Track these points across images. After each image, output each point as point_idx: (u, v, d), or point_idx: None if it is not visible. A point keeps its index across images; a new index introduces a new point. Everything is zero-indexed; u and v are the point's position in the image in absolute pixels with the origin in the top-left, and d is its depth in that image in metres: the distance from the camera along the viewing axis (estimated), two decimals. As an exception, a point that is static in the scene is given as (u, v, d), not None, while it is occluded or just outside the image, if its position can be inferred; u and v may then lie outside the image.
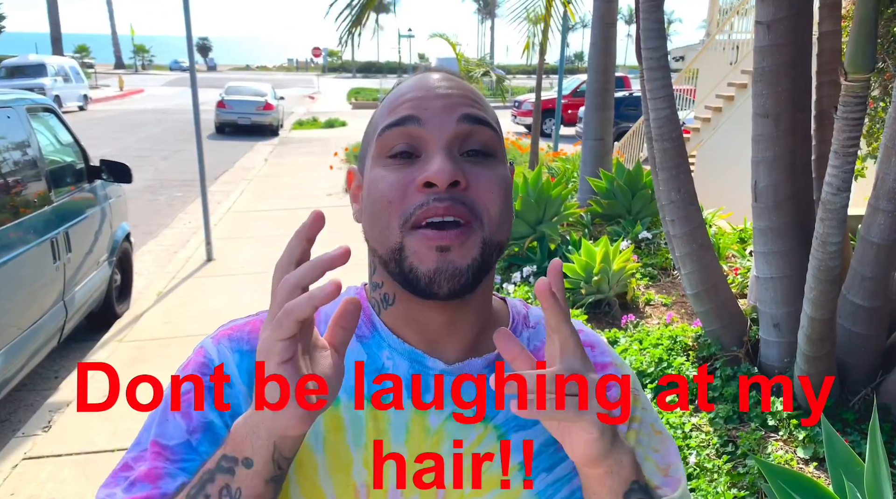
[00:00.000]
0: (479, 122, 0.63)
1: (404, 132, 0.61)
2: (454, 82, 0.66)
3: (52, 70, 19.17)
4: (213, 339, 0.67)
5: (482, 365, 0.67)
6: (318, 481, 0.63)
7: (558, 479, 0.67)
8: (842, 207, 2.48)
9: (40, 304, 3.51)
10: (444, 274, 0.58)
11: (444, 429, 0.64)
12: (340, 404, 0.64)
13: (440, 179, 0.58)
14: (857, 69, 2.33)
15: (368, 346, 0.66)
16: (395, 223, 0.60)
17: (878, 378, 2.90)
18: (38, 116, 3.99)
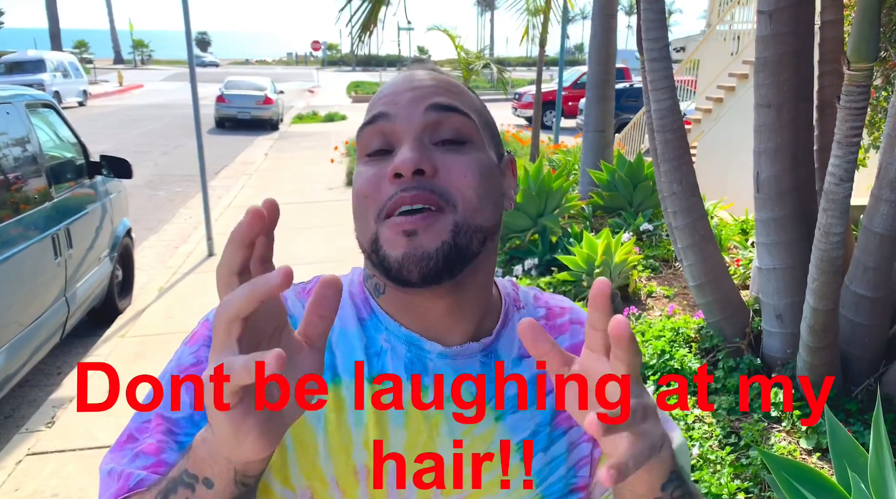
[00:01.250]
0: (448, 110, 0.63)
1: (377, 130, 0.63)
2: (429, 75, 0.66)
3: (51, 66, 19.12)
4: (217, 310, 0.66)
5: (478, 349, 0.67)
6: (318, 460, 0.63)
7: (554, 458, 0.68)
8: (844, 197, 2.47)
9: (42, 300, 3.51)
10: (413, 258, 0.58)
11: (442, 411, 0.65)
12: (342, 384, 0.64)
13: (404, 167, 0.59)
14: (860, 58, 2.31)
15: (367, 328, 0.67)
16: (371, 216, 0.61)
17: (882, 368, 2.90)
18: (38, 112, 3.98)
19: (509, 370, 0.68)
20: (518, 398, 0.68)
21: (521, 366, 0.69)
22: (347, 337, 0.66)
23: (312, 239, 6.56)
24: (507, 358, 0.69)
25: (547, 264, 4.73)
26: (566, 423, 0.69)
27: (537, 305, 0.75)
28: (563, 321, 0.74)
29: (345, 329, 0.66)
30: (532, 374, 0.69)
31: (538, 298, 0.76)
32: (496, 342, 0.69)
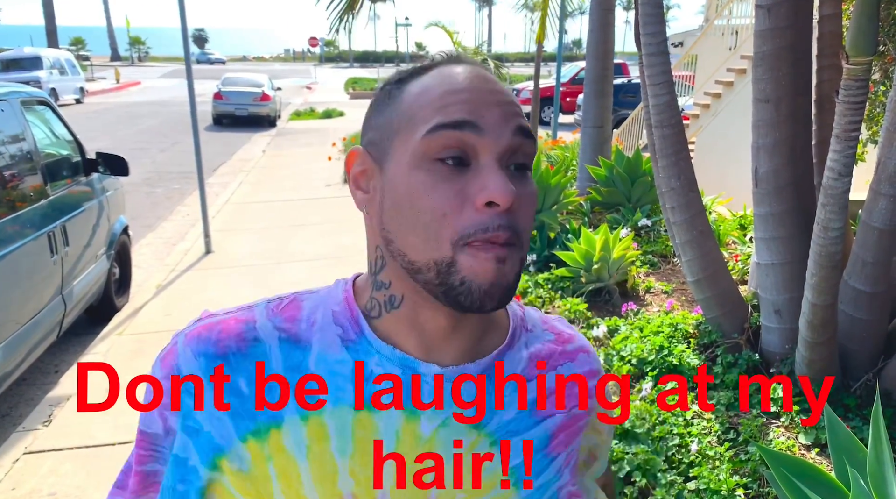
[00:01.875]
0: (529, 135, 0.61)
1: (459, 138, 0.57)
2: (500, 85, 0.63)
3: (47, 63, 19.07)
4: (186, 337, 0.64)
5: (476, 371, 0.65)
6: (302, 490, 0.61)
7: (545, 483, 0.68)
8: (843, 191, 2.46)
9: (39, 298, 3.50)
10: (499, 288, 0.57)
11: (436, 436, 0.63)
12: (324, 411, 0.62)
13: (504, 200, 0.55)
14: (859, 52, 2.30)
15: (355, 351, 0.63)
16: (446, 237, 0.56)
17: (880, 363, 2.89)
18: (33, 110, 3.96)
19: (507, 395, 0.66)
20: (514, 423, 0.66)
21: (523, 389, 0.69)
22: (328, 361, 0.63)
23: (310, 236, 6.55)
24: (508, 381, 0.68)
25: (545, 260, 4.72)
26: (558, 448, 0.69)
27: (545, 329, 0.73)
28: (573, 348, 0.73)
29: (325, 353, 0.63)
30: (531, 398, 0.68)
31: (545, 322, 0.74)
32: (497, 362, 0.67)
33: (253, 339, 0.63)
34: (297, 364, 0.62)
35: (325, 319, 0.65)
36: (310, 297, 0.68)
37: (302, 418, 0.61)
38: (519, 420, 0.66)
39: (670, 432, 2.65)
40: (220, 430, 0.61)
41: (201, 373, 0.62)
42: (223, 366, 0.62)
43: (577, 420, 0.71)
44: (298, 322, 0.65)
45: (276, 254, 6.02)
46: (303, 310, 0.66)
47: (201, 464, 0.62)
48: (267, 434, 0.61)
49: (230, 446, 0.61)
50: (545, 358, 0.70)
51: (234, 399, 0.61)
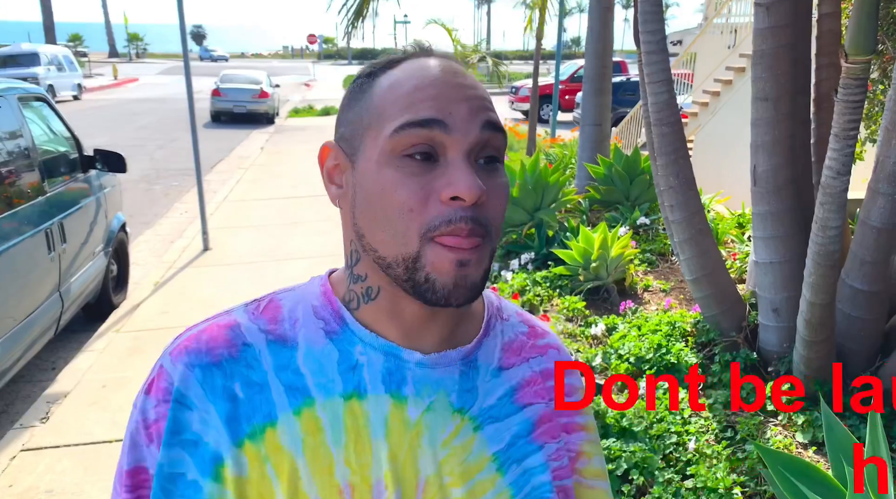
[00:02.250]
0: (497, 129, 0.61)
1: (427, 135, 0.58)
2: (470, 79, 0.63)
3: (45, 59, 19.01)
4: (171, 356, 0.63)
5: (457, 357, 0.66)
6: (301, 485, 0.61)
7: (529, 470, 0.69)
8: (842, 190, 2.46)
9: (36, 295, 3.49)
10: (462, 289, 0.59)
11: (422, 421, 0.64)
12: (316, 405, 0.62)
13: (470, 195, 0.56)
14: (858, 51, 2.30)
15: (339, 342, 0.64)
16: (413, 232, 0.58)
17: (878, 362, 2.90)
18: (30, 106, 3.95)
19: (488, 380, 0.68)
20: (496, 409, 0.68)
21: (501, 377, 0.69)
22: (315, 355, 0.64)
23: (308, 234, 6.54)
24: (486, 367, 0.69)
25: (543, 259, 4.72)
26: (543, 437, 0.70)
27: (521, 320, 0.75)
28: (543, 342, 0.75)
29: (311, 347, 0.64)
30: (510, 385, 0.69)
31: (521, 315, 0.76)
32: (477, 350, 0.68)
33: (242, 343, 0.64)
34: (287, 363, 0.63)
35: (305, 315, 0.66)
36: (286, 295, 0.68)
37: (295, 414, 0.62)
38: (500, 407, 0.68)
39: (668, 430, 2.65)
40: (218, 438, 0.61)
41: (198, 383, 0.61)
42: (219, 374, 0.62)
43: (559, 416, 0.72)
44: (282, 322, 0.65)
45: (274, 251, 6.01)
46: (283, 309, 0.66)
47: (203, 477, 0.61)
48: (262, 435, 0.61)
49: (228, 453, 0.61)
50: (518, 348, 0.72)
51: (230, 405, 0.61)
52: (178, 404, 0.61)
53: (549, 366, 0.73)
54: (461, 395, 0.66)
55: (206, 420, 0.61)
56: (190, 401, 0.61)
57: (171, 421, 0.61)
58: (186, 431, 0.61)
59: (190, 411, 0.61)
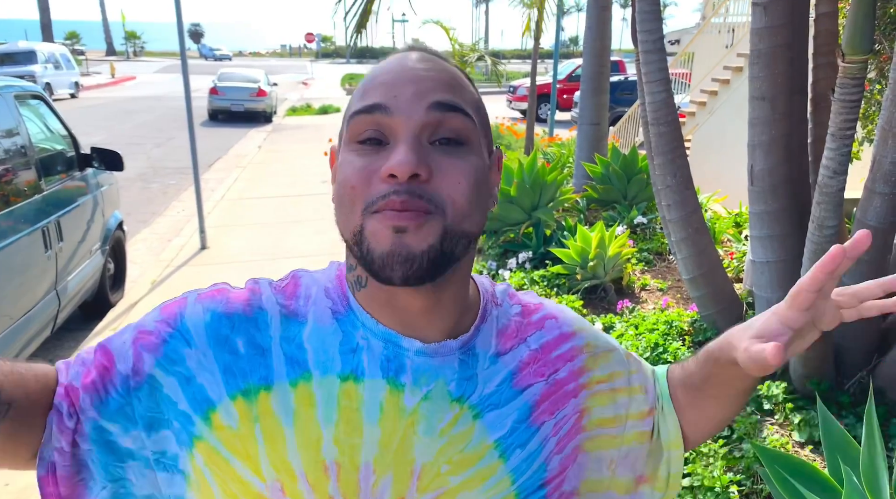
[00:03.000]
0: (450, 109, 0.61)
1: (372, 120, 0.60)
2: (431, 63, 0.64)
3: (42, 57, 18.96)
4: (199, 296, 0.67)
5: (457, 347, 0.67)
6: (286, 454, 0.62)
7: (531, 453, 0.69)
8: (838, 190, 2.46)
9: (32, 293, 3.48)
10: (398, 257, 0.58)
11: (419, 409, 0.64)
12: (312, 380, 0.63)
13: (400, 170, 0.57)
14: (855, 51, 2.31)
15: (343, 323, 0.66)
16: (357, 208, 0.60)
17: (874, 361, 2.90)
18: (27, 104, 3.94)
19: (487, 367, 0.68)
20: (495, 396, 0.68)
21: (498, 363, 0.69)
22: (320, 333, 0.65)
23: (306, 232, 6.54)
24: (484, 355, 0.69)
25: (541, 257, 4.72)
26: (541, 418, 0.70)
27: (512, 302, 0.75)
28: (538, 317, 0.75)
29: (318, 325, 0.66)
30: (508, 370, 0.69)
31: (512, 296, 0.76)
32: (474, 338, 0.68)
33: (258, 307, 0.66)
34: (293, 336, 0.65)
35: (318, 294, 0.68)
36: (306, 275, 0.71)
37: (291, 384, 0.63)
38: (499, 393, 0.68)
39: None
40: (212, 384, 0.62)
41: (205, 326, 0.64)
42: (227, 324, 0.64)
43: (562, 386, 0.72)
44: (297, 299, 0.68)
45: (272, 250, 6.00)
46: (300, 287, 0.69)
47: (194, 412, 0.62)
48: (256, 395, 0.63)
49: (220, 401, 0.62)
50: (513, 331, 0.72)
51: (230, 357, 0.63)
52: (179, 335, 0.63)
53: (548, 338, 0.73)
54: (460, 383, 0.66)
55: (201, 362, 0.63)
56: (191, 338, 0.63)
57: (167, 347, 0.63)
58: (181, 364, 0.63)
59: (188, 347, 0.63)
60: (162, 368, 0.62)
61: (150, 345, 0.63)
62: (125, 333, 0.65)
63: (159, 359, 0.63)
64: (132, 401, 0.62)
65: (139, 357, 0.63)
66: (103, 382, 0.62)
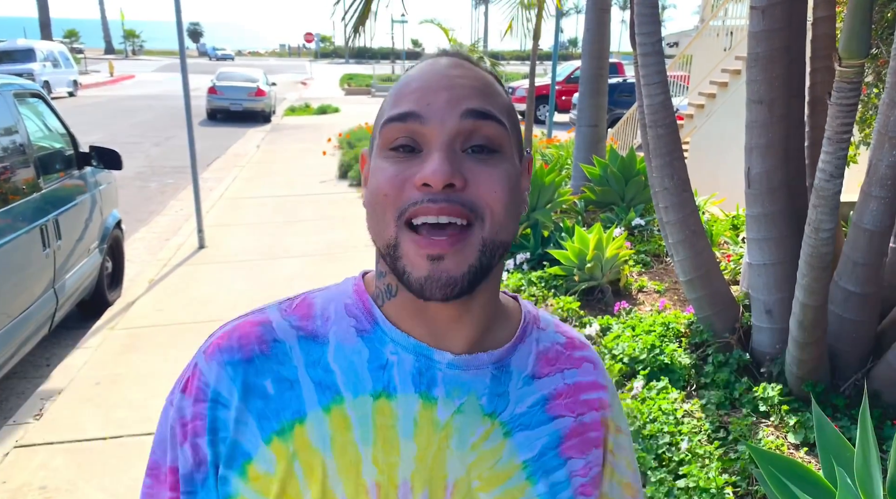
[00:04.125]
0: (484, 116, 0.60)
1: (405, 128, 0.60)
2: (464, 69, 0.63)
3: (41, 55, 18.95)
4: (205, 354, 0.64)
5: (489, 361, 0.66)
6: (328, 482, 0.61)
7: (558, 484, 0.67)
8: (835, 193, 2.47)
9: (30, 291, 3.48)
10: (437, 283, 0.57)
11: (452, 423, 0.63)
12: (345, 402, 0.62)
13: (434, 180, 0.56)
14: (852, 55, 2.32)
15: (370, 340, 0.64)
16: (390, 217, 0.59)
17: (869, 364, 2.92)
18: (26, 102, 3.94)
19: (520, 387, 0.67)
20: (526, 417, 0.67)
21: (533, 385, 0.68)
22: (346, 352, 0.64)
23: (304, 232, 6.54)
24: (518, 374, 0.68)
25: (539, 259, 4.73)
26: (570, 452, 0.69)
27: (558, 331, 0.74)
28: (580, 355, 0.73)
29: (342, 345, 0.64)
30: (542, 395, 0.68)
31: (559, 325, 0.75)
32: (510, 356, 0.67)
33: (272, 340, 0.64)
34: (318, 359, 0.63)
35: (338, 313, 0.66)
36: (320, 294, 0.69)
37: (325, 411, 0.62)
38: (531, 415, 0.67)
39: (661, 430, 2.67)
40: (247, 435, 0.61)
41: (231, 381, 0.62)
42: (250, 370, 0.62)
43: (588, 430, 0.71)
44: (313, 319, 0.66)
45: (270, 250, 6.00)
46: (315, 307, 0.67)
47: (228, 470, 0.62)
48: (291, 432, 0.61)
49: (256, 451, 0.61)
50: (553, 359, 0.71)
51: (261, 402, 0.62)
52: (215, 403, 0.62)
53: (581, 380, 0.72)
54: (492, 399, 0.65)
55: (239, 419, 0.62)
56: (226, 399, 0.62)
57: (210, 420, 0.61)
58: (225, 429, 0.61)
59: (227, 409, 0.62)
60: (212, 444, 0.62)
61: (198, 430, 0.62)
62: (163, 437, 0.65)
63: (209, 436, 0.62)
64: (208, 494, 0.62)
65: (195, 448, 0.62)
66: (183, 491, 0.62)
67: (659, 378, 3.07)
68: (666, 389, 2.98)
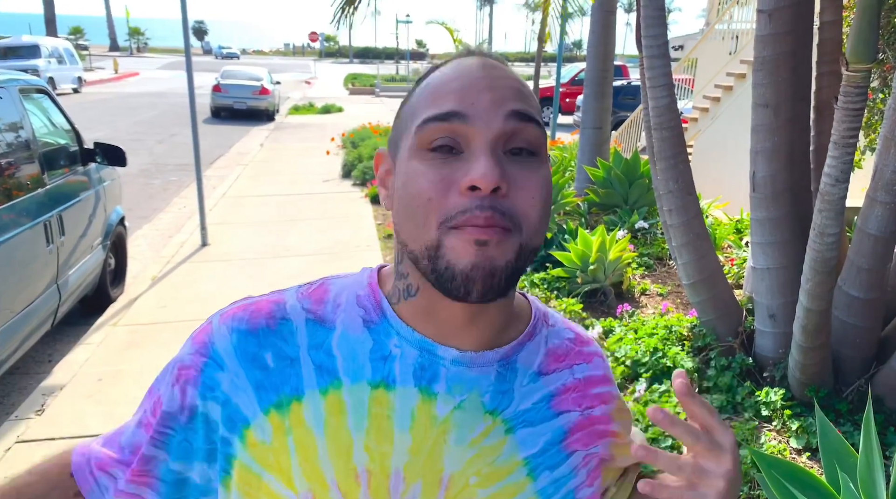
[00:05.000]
0: (527, 119, 0.59)
1: (448, 128, 0.58)
2: (501, 71, 0.62)
3: (46, 51, 18.98)
4: (221, 316, 0.68)
5: (494, 359, 0.66)
6: (318, 464, 0.62)
7: (560, 478, 0.68)
8: (840, 198, 2.47)
9: (34, 287, 3.49)
10: (482, 270, 0.56)
11: (451, 418, 0.64)
12: (342, 387, 0.63)
13: (484, 183, 0.55)
14: (859, 59, 2.31)
15: (376, 332, 0.65)
16: (433, 222, 0.58)
17: (873, 369, 2.91)
18: (32, 98, 3.95)
19: (525, 384, 0.67)
20: (530, 413, 0.67)
21: (539, 381, 0.68)
22: (350, 340, 0.65)
23: (307, 231, 6.54)
24: (524, 371, 0.68)
25: (541, 260, 4.73)
26: (574, 445, 0.69)
27: (566, 327, 0.75)
28: (589, 350, 0.74)
29: (347, 333, 0.65)
30: (548, 391, 0.69)
31: (566, 322, 0.76)
32: (517, 353, 0.68)
33: (281, 318, 0.66)
34: (321, 343, 0.65)
35: (349, 301, 0.67)
36: (336, 281, 0.70)
37: (322, 393, 0.63)
38: (536, 411, 0.67)
39: (663, 433, 2.66)
40: (246, 402, 0.63)
41: (233, 347, 0.65)
42: (253, 341, 0.65)
43: (596, 423, 0.71)
44: (325, 304, 0.67)
45: (272, 248, 6.01)
46: (329, 293, 0.68)
47: (231, 433, 0.64)
48: (288, 407, 0.63)
49: (254, 418, 0.63)
50: (563, 355, 0.71)
51: (261, 373, 0.64)
52: (213, 362, 0.64)
53: (593, 373, 0.72)
54: (495, 396, 0.65)
55: (235, 383, 0.64)
56: (223, 361, 0.64)
57: (204, 375, 0.64)
58: (217, 389, 0.64)
59: (222, 370, 0.64)
60: (203, 397, 0.64)
61: (190, 378, 0.65)
62: (167, 373, 0.68)
63: (200, 389, 0.64)
64: (188, 436, 0.65)
65: (184, 393, 0.65)
66: (161, 425, 0.66)
67: (661, 381, 3.07)
68: (668, 392, 2.97)
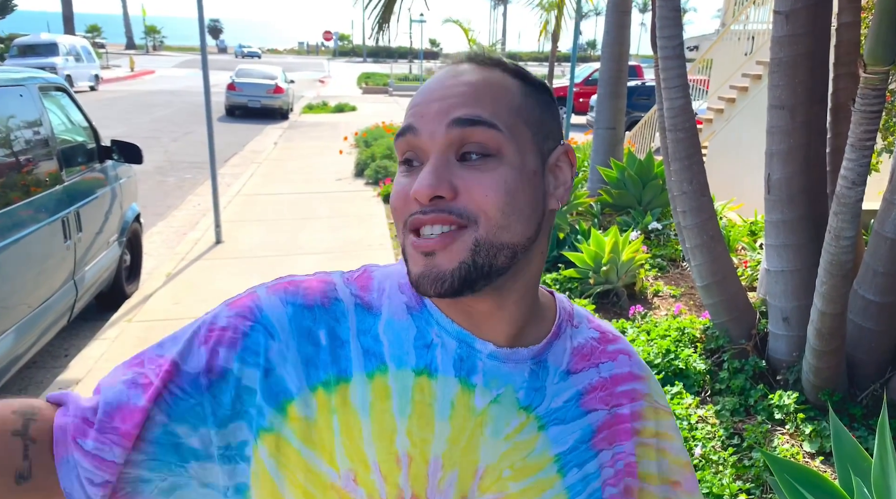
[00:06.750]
0: (471, 123, 0.60)
1: (405, 142, 0.63)
2: (465, 76, 0.63)
3: (63, 49, 19.19)
4: (269, 288, 0.67)
5: (528, 356, 0.68)
6: (361, 444, 0.64)
7: (588, 475, 0.69)
8: (856, 201, 2.45)
9: (51, 282, 3.53)
10: (428, 278, 0.61)
11: (488, 411, 0.66)
12: (388, 373, 0.65)
13: (419, 195, 0.60)
14: (877, 61, 2.30)
15: (418, 319, 0.67)
16: (400, 226, 0.64)
17: (888, 374, 2.89)
18: (50, 95, 3.99)
19: (556, 383, 0.69)
20: (561, 412, 0.69)
21: (568, 380, 0.70)
22: (395, 327, 0.67)
23: (319, 229, 6.57)
24: (555, 370, 0.70)
25: (554, 261, 4.73)
26: (601, 444, 0.71)
27: (591, 326, 0.75)
28: (614, 348, 0.75)
29: (392, 319, 0.67)
30: (577, 390, 0.70)
31: (591, 321, 0.77)
32: (546, 352, 0.70)
33: (335, 298, 0.68)
34: (369, 328, 0.66)
35: (392, 289, 0.69)
36: (378, 269, 0.72)
37: (368, 377, 0.65)
38: (566, 410, 0.69)
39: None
40: (292, 376, 0.63)
41: (287, 319, 0.65)
42: (308, 316, 0.65)
43: (621, 422, 0.72)
44: (370, 291, 0.69)
45: (286, 246, 6.04)
46: (373, 280, 0.70)
47: (267, 404, 0.62)
48: (336, 387, 0.64)
49: (299, 393, 0.63)
50: (588, 353, 0.73)
51: (312, 349, 0.64)
52: (262, 327, 0.64)
53: (619, 371, 0.73)
54: (528, 393, 0.67)
55: (283, 354, 0.63)
56: (275, 330, 0.64)
57: (249, 340, 0.63)
58: (262, 356, 0.63)
59: (272, 339, 0.63)
60: (242, 361, 0.62)
61: (226, 339, 0.63)
62: (183, 334, 0.65)
63: (239, 352, 0.63)
64: (203, 400, 0.62)
65: (214, 354, 0.62)
66: (167, 386, 0.62)
67: (673, 383, 3.06)
68: (680, 394, 2.96)
